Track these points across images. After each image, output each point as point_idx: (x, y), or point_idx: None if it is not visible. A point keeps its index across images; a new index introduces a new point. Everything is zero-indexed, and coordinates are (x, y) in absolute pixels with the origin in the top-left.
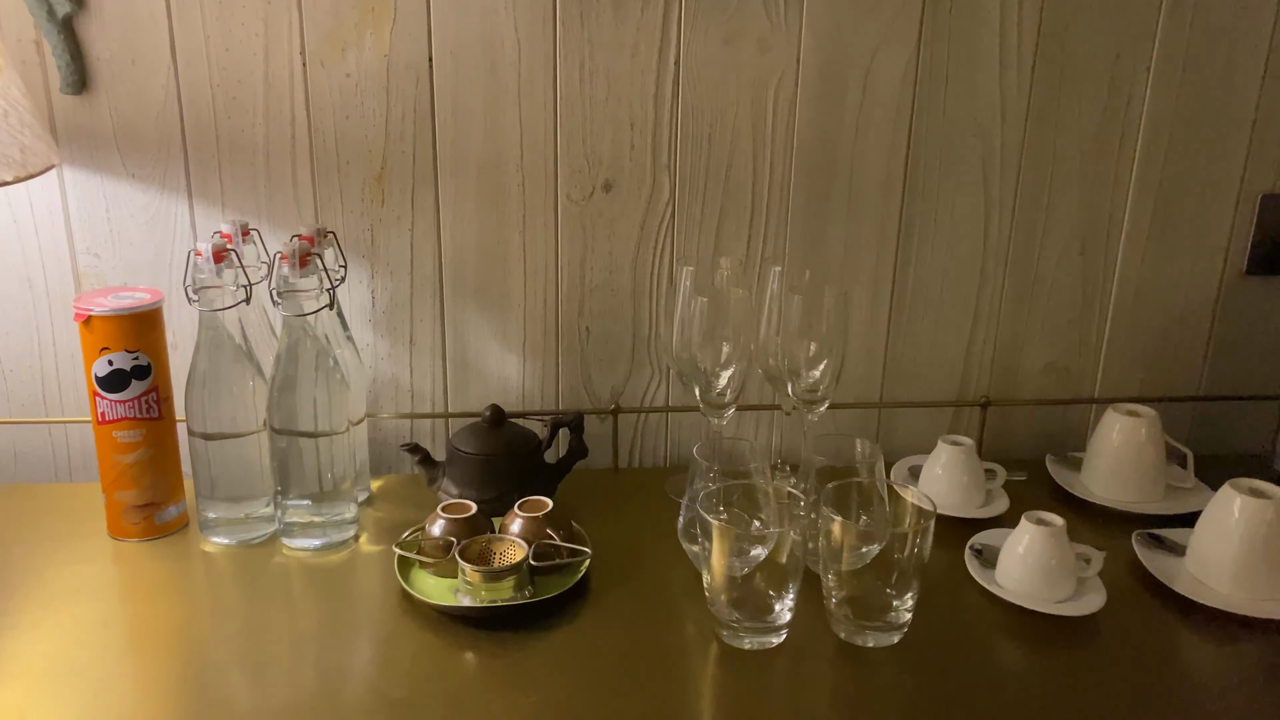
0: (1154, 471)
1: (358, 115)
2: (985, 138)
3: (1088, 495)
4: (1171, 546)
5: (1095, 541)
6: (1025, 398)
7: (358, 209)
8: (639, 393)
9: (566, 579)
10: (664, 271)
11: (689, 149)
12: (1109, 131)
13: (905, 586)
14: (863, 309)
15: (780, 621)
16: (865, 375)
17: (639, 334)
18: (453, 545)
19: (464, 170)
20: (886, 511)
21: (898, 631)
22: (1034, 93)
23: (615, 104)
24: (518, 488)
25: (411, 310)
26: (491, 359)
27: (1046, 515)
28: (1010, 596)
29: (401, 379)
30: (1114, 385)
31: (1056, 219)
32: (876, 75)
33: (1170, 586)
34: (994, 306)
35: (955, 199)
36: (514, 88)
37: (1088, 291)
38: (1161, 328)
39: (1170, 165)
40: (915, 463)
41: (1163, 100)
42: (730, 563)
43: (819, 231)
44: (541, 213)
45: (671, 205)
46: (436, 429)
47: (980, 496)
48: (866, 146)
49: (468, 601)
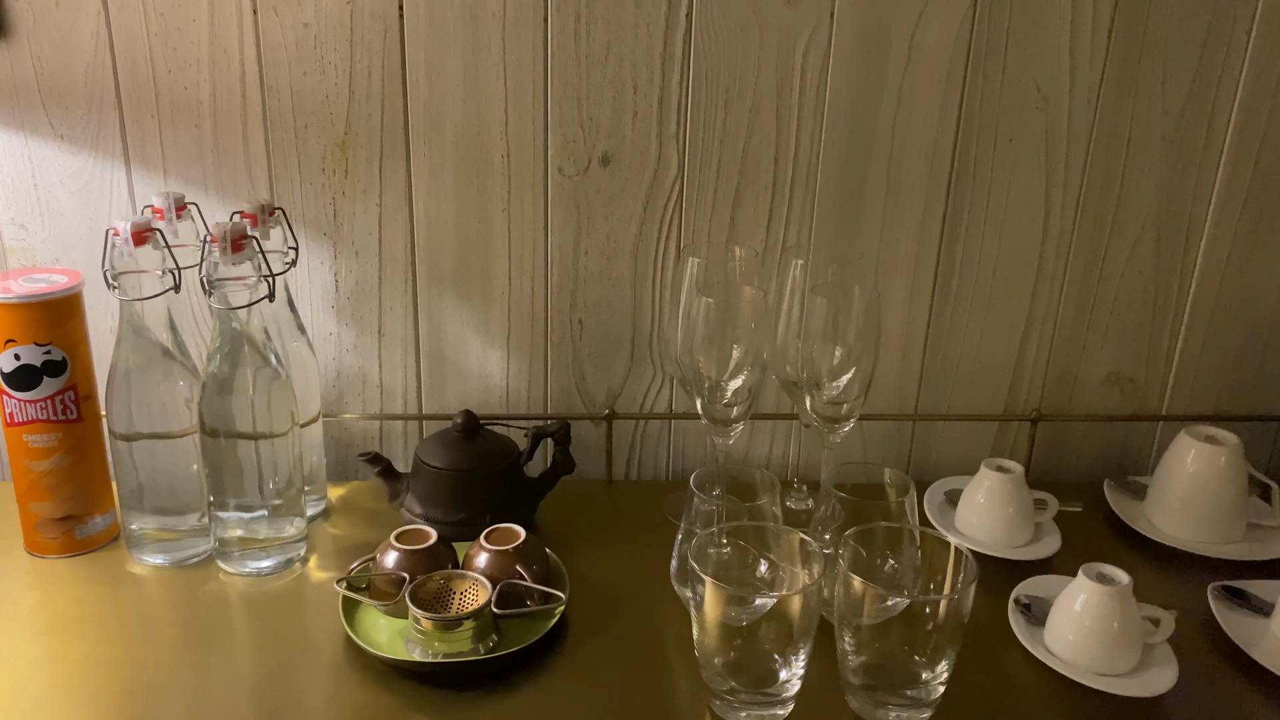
0: (1234, 507)
1: (317, 71)
2: (1050, 111)
3: (1153, 533)
4: (1258, 605)
5: (1163, 592)
6: (1083, 412)
7: (318, 180)
8: (638, 396)
9: (536, 628)
10: (669, 259)
11: (701, 117)
12: (1197, 107)
13: (939, 656)
14: (900, 306)
15: (786, 694)
16: (899, 382)
17: (640, 329)
18: (405, 583)
19: (439, 137)
20: (918, 557)
21: (927, 709)
22: (1110, 59)
23: (616, 63)
24: (492, 507)
25: (380, 296)
26: (472, 354)
27: (1109, 570)
28: (1063, 668)
29: (369, 374)
30: (1186, 401)
31: (1129, 207)
32: (925, 33)
33: (1253, 656)
34: (1051, 306)
35: (1012, 181)
36: (498, 42)
37: (1161, 291)
38: (1245, 336)
39: (1267, 150)
40: (954, 486)
41: (1263, 72)
42: (727, 613)
43: (851, 216)
44: (529, 188)
45: (680, 183)
46: (410, 432)
47: (1028, 532)
48: (911, 117)
49: (419, 654)
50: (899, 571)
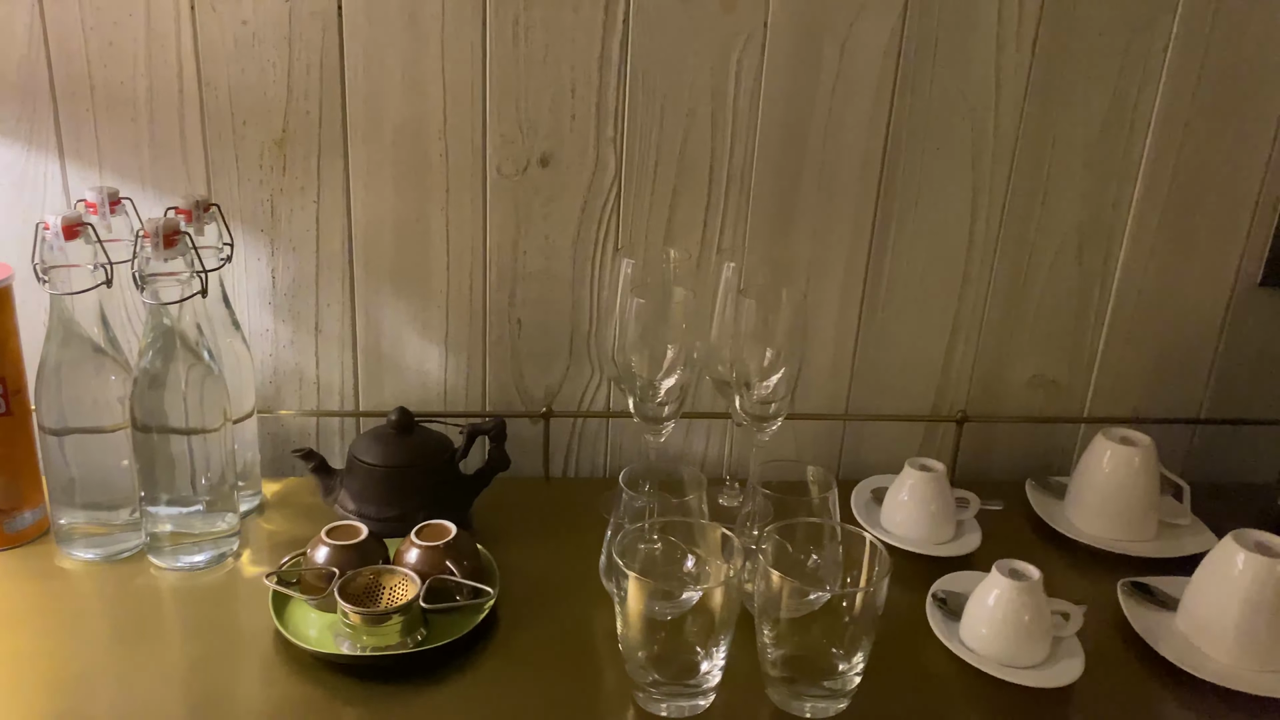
0: (1146, 506)
1: (255, 69)
2: (976, 120)
3: (1071, 531)
4: (1163, 599)
5: (1077, 587)
6: (1008, 413)
7: (255, 176)
8: (576, 394)
9: (464, 623)
10: (607, 258)
11: (638, 121)
12: (1117, 119)
13: (855, 648)
14: (831, 308)
15: (707, 685)
16: (831, 382)
17: (578, 328)
18: (334, 577)
19: (378, 136)
20: (839, 552)
21: (844, 699)
22: (1034, 71)
23: (554, 65)
24: (426, 504)
25: (318, 293)
26: (409, 351)
27: (1021, 566)
28: (975, 660)
29: (306, 370)
30: (1107, 403)
31: (1052, 215)
32: (856, 42)
33: (1157, 650)
34: (978, 310)
35: (940, 188)
36: (436, 42)
37: (1083, 297)
38: (1163, 341)
39: (1184, 161)
40: (881, 484)
41: (1180, 87)
42: (651, 607)
43: (785, 220)
44: (468, 187)
45: (617, 185)
46: (347, 428)
47: (950, 529)
48: (842, 124)
49: (347, 647)
50: (821, 566)
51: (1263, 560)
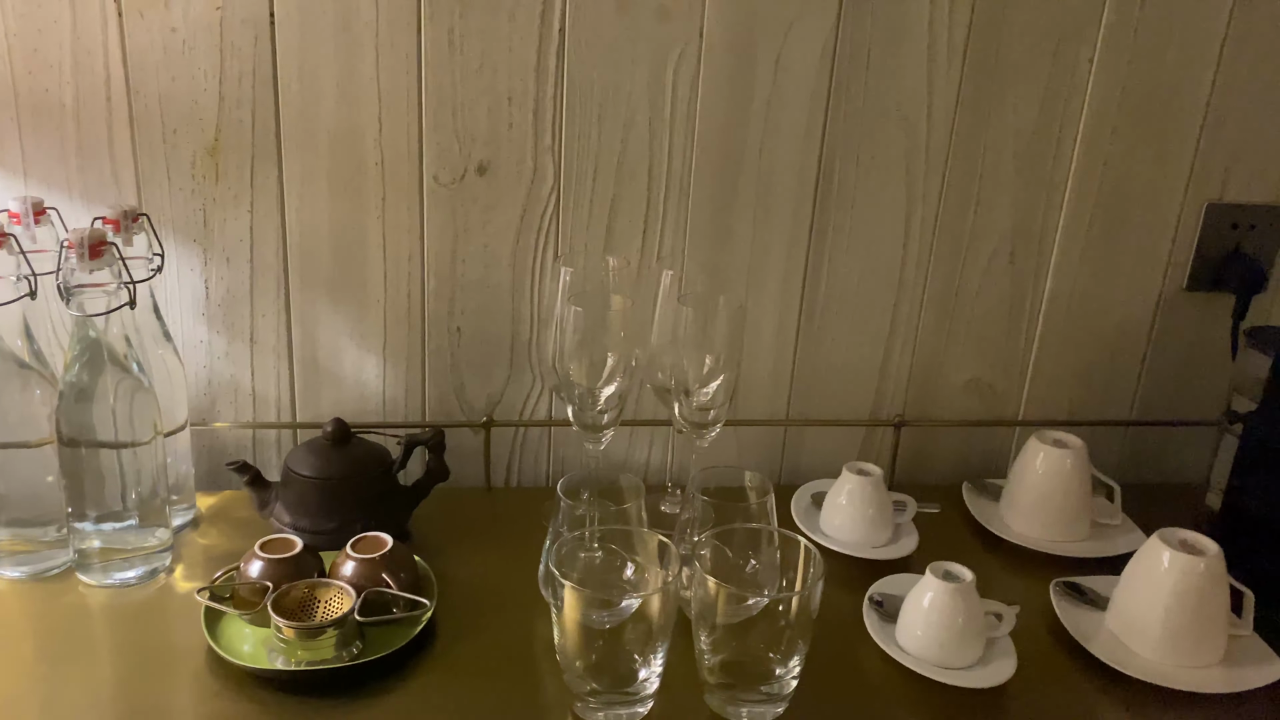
0: (1078, 507)
1: (186, 77)
2: (909, 130)
3: (1006, 533)
4: (1093, 599)
5: (1012, 588)
6: (944, 417)
7: (187, 186)
8: (518, 403)
9: (402, 634)
10: (547, 267)
11: (576, 130)
12: (1046, 128)
13: (791, 651)
14: (770, 316)
15: (645, 693)
16: (771, 388)
17: (519, 336)
18: (268, 591)
19: (312, 144)
20: (776, 557)
21: (781, 703)
22: (965, 81)
23: (490, 74)
24: (363, 516)
25: (252, 303)
26: (347, 361)
27: (955, 568)
28: (910, 662)
29: (241, 381)
30: (1041, 406)
31: (985, 222)
32: (790, 54)
33: (1087, 649)
34: (913, 316)
35: (874, 197)
36: (370, 50)
37: (1016, 302)
38: (1094, 345)
39: (1111, 167)
40: (821, 488)
41: (1106, 96)
42: (588, 616)
43: (723, 228)
44: (404, 196)
45: (556, 193)
46: (284, 440)
47: (887, 532)
48: (778, 134)
49: (281, 662)
50: (759, 571)
51: (1187, 558)
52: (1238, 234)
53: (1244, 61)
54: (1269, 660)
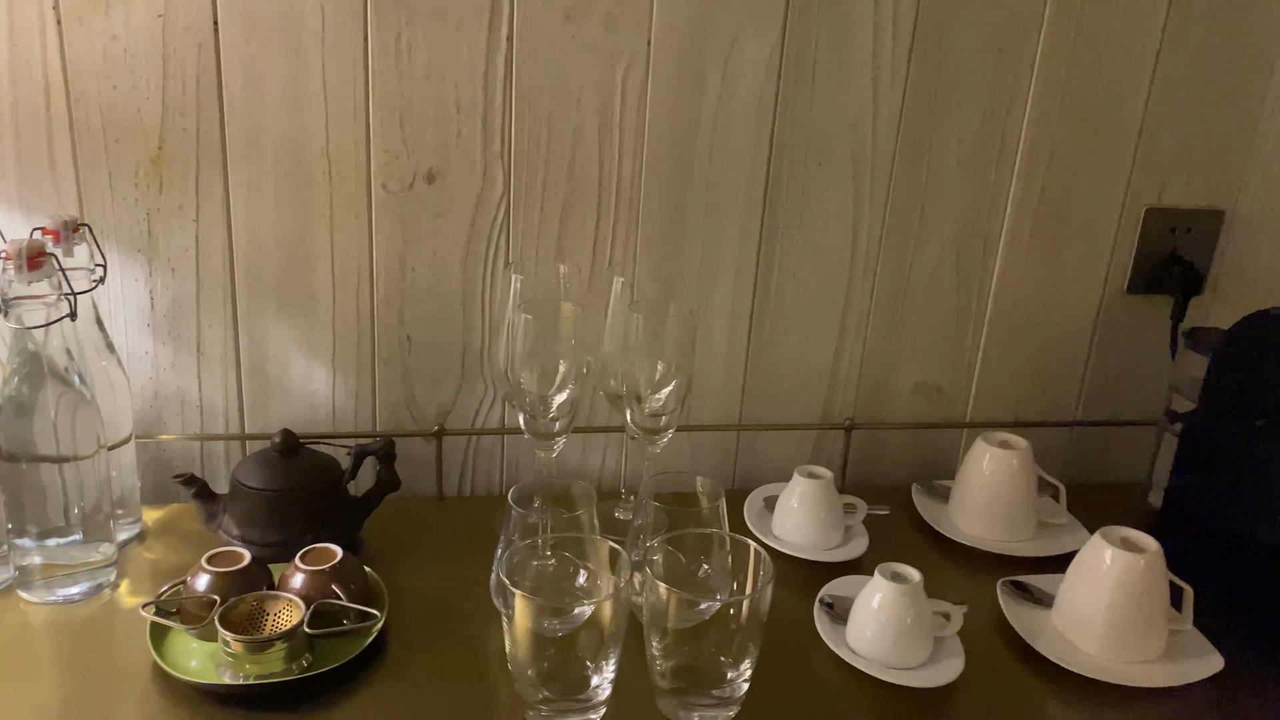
0: (1025, 507)
1: (128, 85)
2: (856, 136)
3: (954, 533)
4: (1039, 597)
5: (960, 587)
6: (894, 420)
7: (130, 195)
8: (470, 412)
9: (352, 646)
10: (498, 274)
11: (525, 137)
12: (989, 135)
13: (743, 655)
14: (722, 321)
15: (597, 699)
16: (724, 394)
17: (470, 345)
18: (215, 605)
19: (259, 153)
20: (728, 561)
21: (733, 706)
22: (909, 88)
23: (439, 82)
24: (312, 528)
25: (199, 314)
26: (296, 372)
27: (903, 569)
28: (860, 663)
29: (188, 393)
30: (988, 408)
31: (930, 227)
32: (737, 61)
33: (1034, 647)
34: (862, 320)
35: (823, 203)
36: (317, 58)
37: (963, 306)
38: (1039, 347)
39: (1052, 173)
40: (773, 492)
41: (1046, 103)
42: (541, 624)
43: (675, 234)
44: (353, 204)
45: (506, 200)
46: (233, 452)
47: (838, 535)
48: (727, 141)
49: (229, 677)
50: (712, 575)
51: (1128, 556)
52: (1175, 238)
53: (1179, 69)
54: (1208, 654)
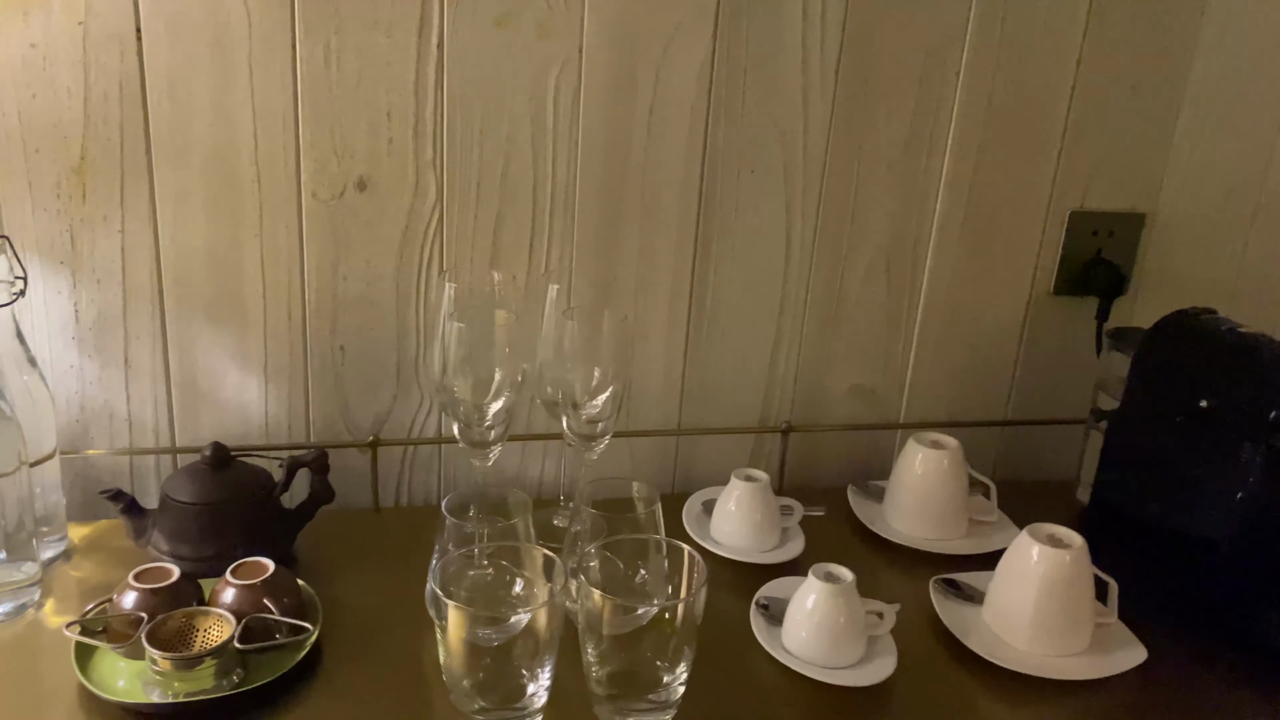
0: (957, 505)
1: (48, 93)
2: (787, 143)
3: (889, 533)
4: (971, 594)
5: (895, 586)
6: (830, 422)
7: (52, 206)
8: (406, 421)
9: (285, 660)
10: (432, 283)
11: (458, 145)
12: (917, 141)
13: (678, 658)
14: (660, 327)
15: (533, 707)
16: (663, 399)
17: (405, 355)
18: (143, 623)
19: (185, 162)
20: (664, 565)
21: (670, 710)
22: (839, 95)
23: (369, 89)
24: (244, 541)
25: (126, 326)
26: (228, 383)
27: (836, 569)
28: (795, 663)
29: (116, 407)
30: (920, 408)
31: (862, 233)
32: (670, 69)
33: (965, 643)
34: (797, 324)
35: (756, 208)
36: (244, 66)
37: (894, 310)
38: (968, 348)
39: (979, 178)
40: (712, 496)
41: (973, 107)
42: (476, 634)
43: (610, 241)
44: (283, 213)
45: (439, 208)
46: (164, 466)
47: (775, 537)
48: (660, 148)
49: (157, 696)
50: (649, 580)
51: (1054, 552)
52: (1099, 240)
53: (1099, 75)
54: (1132, 645)
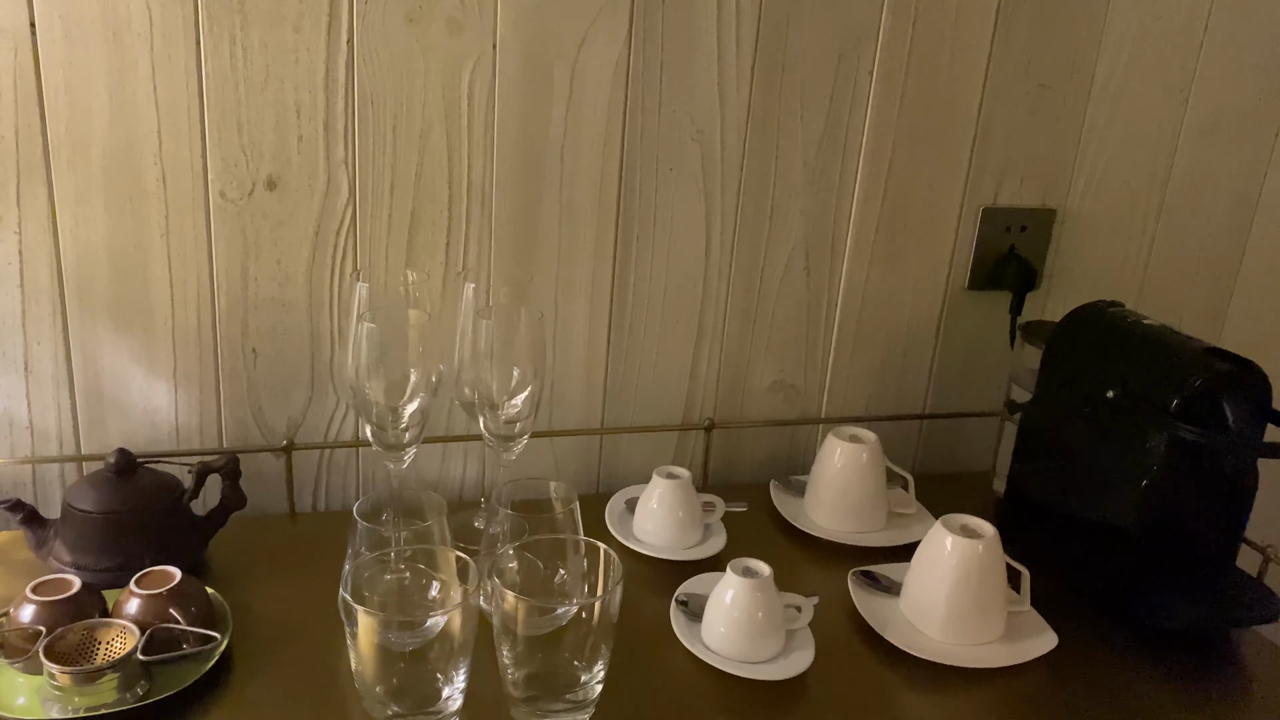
0: (876, 498)
1: None
2: (704, 141)
3: (810, 527)
4: (888, 585)
5: (815, 580)
6: (752, 418)
7: None
8: (321, 424)
9: (193, 672)
10: (346, 283)
11: (370, 143)
12: (832, 139)
13: (595, 657)
14: (580, 326)
15: (448, 710)
16: (585, 398)
17: (319, 356)
18: (41, 636)
19: (85, 161)
20: (584, 564)
21: (587, 709)
22: (755, 93)
23: (277, 87)
24: (151, 550)
25: (25, 331)
26: (134, 389)
27: (753, 563)
28: (714, 659)
29: (16, 414)
30: (840, 403)
31: (780, 231)
32: (585, 65)
33: (882, 634)
34: (718, 322)
35: (675, 207)
36: (145, 62)
37: (814, 306)
38: (886, 344)
39: (894, 175)
40: (635, 494)
41: (886, 106)
42: (388, 639)
43: (529, 241)
44: (189, 213)
45: (352, 207)
46: (69, 475)
47: (697, 534)
48: (578, 146)
49: (57, 711)
50: (568, 580)
51: (966, 541)
52: (1011, 235)
53: (1008, 74)
54: (1044, 631)
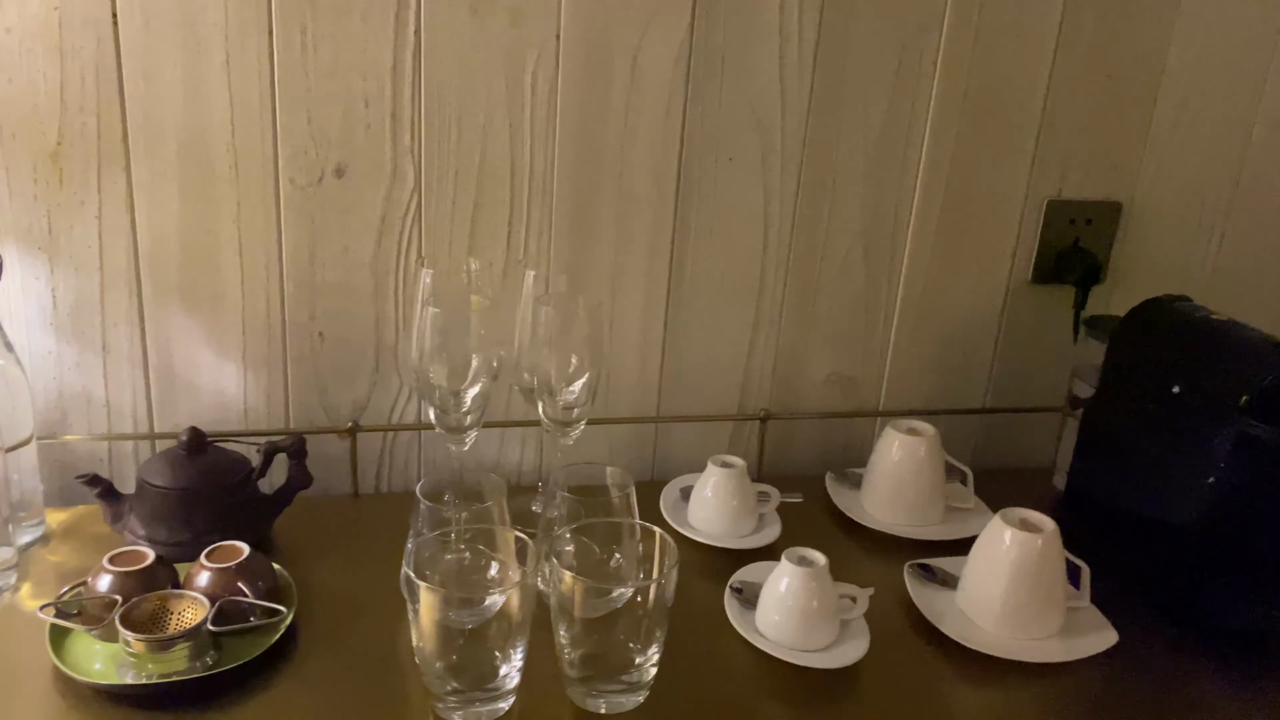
0: (933, 492)
1: (24, 79)
2: (764, 130)
3: (866, 519)
4: (945, 579)
5: (870, 571)
6: (807, 410)
7: (29, 191)
8: (385, 408)
9: (259, 643)
10: (410, 270)
11: (435, 132)
12: (894, 129)
13: (650, 640)
14: (636, 315)
15: (506, 688)
16: (640, 386)
17: (383, 341)
18: (117, 605)
19: (161, 148)
20: (639, 549)
21: (642, 691)
22: (816, 82)
23: (345, 76)
24: (220, 526)
25: (103, 312)
26: (204, 370)
27: (809, 553)
28: (767, 646)
29: (94, 392)
30: (898, 396)
31: (839, 221)
32: (646, 55)
33: (938, 626)
34: (774, 312)
35: (733, 196)
36: (220, 52)
37: (871, 297)
38: (946, 337)
39: (957, 167)
40: (689, 482)
41: (949, 97)
42: (448, 616)
43: (587, 229)
44: (260, 200)
45: (417, 195)
46: (142, 452)
47: (751, 523)
48: (637, 135)
49: (130, 677)
50: (623, 564)
51: (1025, 535)
52: (1076, 229)
53: (1075, 64)
54: (1104, 629)
